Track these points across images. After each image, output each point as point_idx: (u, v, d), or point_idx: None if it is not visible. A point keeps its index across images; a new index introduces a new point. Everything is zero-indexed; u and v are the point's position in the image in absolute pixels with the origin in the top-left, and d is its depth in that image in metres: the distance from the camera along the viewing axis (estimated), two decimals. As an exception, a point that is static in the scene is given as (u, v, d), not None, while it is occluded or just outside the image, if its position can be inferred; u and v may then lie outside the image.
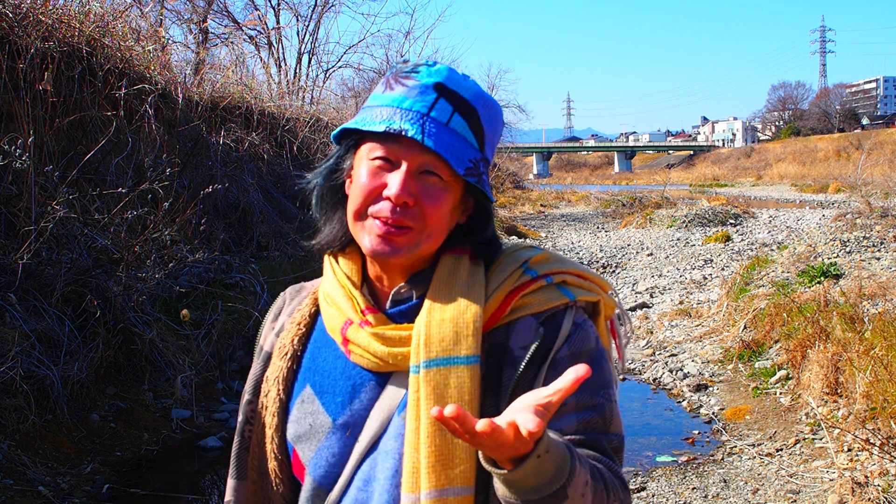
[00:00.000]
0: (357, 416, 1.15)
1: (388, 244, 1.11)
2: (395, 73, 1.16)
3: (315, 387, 1.19)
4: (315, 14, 20.61)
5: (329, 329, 1.19)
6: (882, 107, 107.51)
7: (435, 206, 1.12)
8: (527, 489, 0.94)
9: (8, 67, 5.76)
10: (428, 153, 1.10)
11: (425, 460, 1.05)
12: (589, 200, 30.37)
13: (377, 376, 1.15)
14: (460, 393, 1.07)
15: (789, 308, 6.62)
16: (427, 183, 1.11)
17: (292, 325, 1.26)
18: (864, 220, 12.53)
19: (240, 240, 8.83)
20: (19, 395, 4.41)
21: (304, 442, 1.18)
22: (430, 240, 1.13)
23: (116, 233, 5.87)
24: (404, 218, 1.11)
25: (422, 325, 1.10)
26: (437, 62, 1.17)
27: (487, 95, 1.18)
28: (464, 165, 1.11)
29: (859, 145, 51.96)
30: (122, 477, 4.57)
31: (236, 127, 9.93)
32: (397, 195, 1.09)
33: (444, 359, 1.08)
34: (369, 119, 1.13)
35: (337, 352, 1.19)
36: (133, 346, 5.55)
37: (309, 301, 1.28)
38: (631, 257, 14.24)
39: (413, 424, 1.08)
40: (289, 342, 1.24)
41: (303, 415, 1.19)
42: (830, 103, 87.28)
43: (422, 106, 1.12)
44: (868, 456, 4.30)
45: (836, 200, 26.99)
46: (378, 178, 1.12)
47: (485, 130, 1.16)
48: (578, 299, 1.15)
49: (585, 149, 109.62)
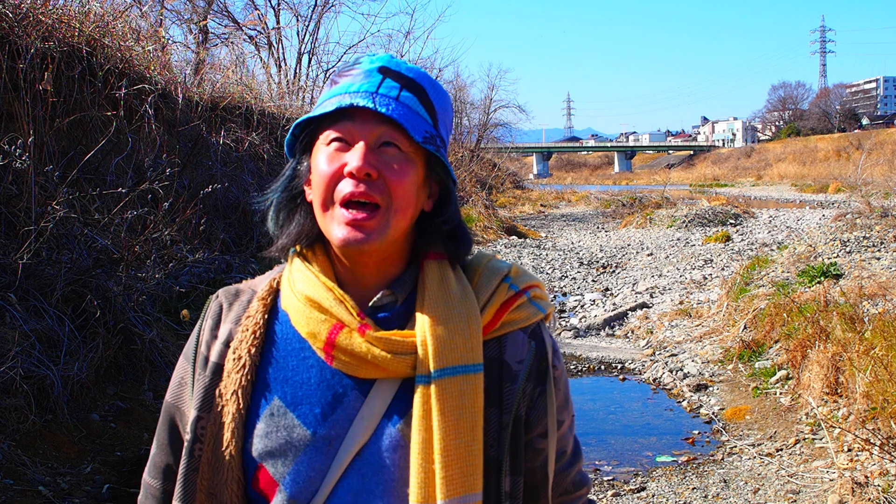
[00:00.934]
0: (339, 427, 1.10)
1: (359, 230, 1.08)
2: (339, 71, 1.17)
3: (285, 398, 1.12)
4: (315, 14, 20.62)
5: (306, 334, 1.12)
6: (882, 107, 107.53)
7: (399, 177, 1.10)
8: None
9: (8, 67, 5.76)
10: (383, 125, 1.09)
11: (441, 471, 1.05)
12: (589, 200, 30.39)
13: (359, 385, 1.11)
14: (473, 401, 1.08)
15: (789, 308, 6.62)
16: (387, 155, 1.10)
17: (245, 333, 1.17)
18: (864, 220, 12.53)
19: (240, 240, 8.83)
20: (19, 395, 4.41)
21: (276, 457, 1.11)
22: (397, 216, 1.10)
23: (116, 233, 5.87)
24: (369, 190, 1.08)
25: (428, 335, 1.08)
26: (377, 53, 1.19)
27: (431, 77, 1.18)
28: (420, 134, 1.10)
29: (859, 145, 51.97)
30: (122, 477, 4.57)
31: (236, 127, 9.93)
32: (359, 167, 1.07)
33: (461, 367, 1.08)
34: (318, 110, 1.13)
35: (308, 360, 1.13)
36: (133, 346, 5.54)
37: (258, 307, 1.19)
38: (631, 257, 14.24)
39: (422, 435, 1.06)
40: (245, 353, 1.15)
41: (273, 429, 1.12)
42: (830, 103, 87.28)
43: (369, 86, 1.11)
44: (868, 456, 4.30)
45: (836, 200, 26.99)
46: (337, 160, 1.10)
47: (435, 107, 1.16)
48: (549, 312, 1.21)
49: (585, 149, 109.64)
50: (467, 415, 1.07)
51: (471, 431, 1.07)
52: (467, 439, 1.07)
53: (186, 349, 1.24)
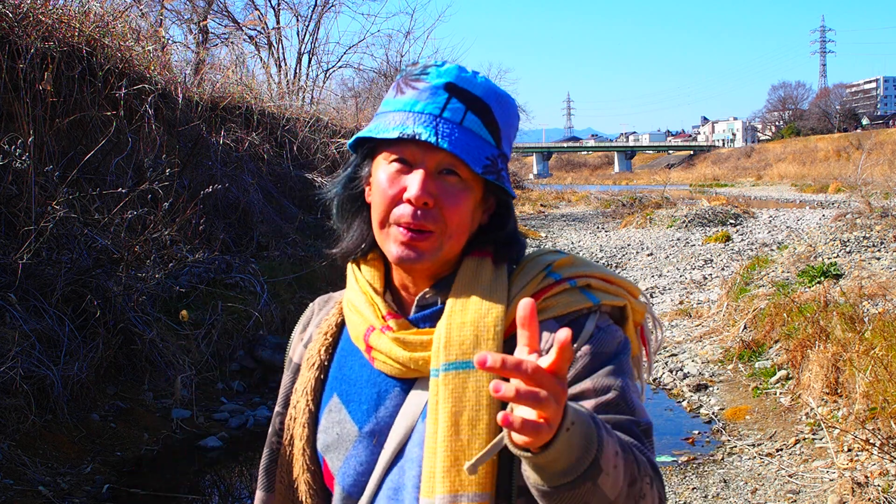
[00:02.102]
0: (383, 424, 1.15)
1: (412, 250, 1.11)
2: (406, 77, 1.15)
3: (342, 395, 1.20)
4: (315, 14, 20.66)
5: (353, 337, 1.19)
6: (882, 107, 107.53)
7: (455, 206, 1.11)
8: (558, 472, 0.89)
9: (8, 67, 5.76)
10: (445, 152, 1.10)
11: (440, 464, 1.05)
12: (589, 200, 30.37)
13: (402, 382, 1.15)
14: (478, 396, 1.06)
15: (789, 308, 6.62)
16: (447, 183, 1.11)
17: (319, 335, 1.26)
18: (864, 220, 12.53)
19: (240, 240, 8.83)
20: (19, 395, 4.41)
21: (332, 451, 1.19)
22: (451, 241, 1.13)
23: (116, 233, 5.87)
24: (425, 221, 1.10)
25: (442, 329, 1.10)
26: (446, 62, 1.16)
27: (500, 90, 1.17)
28: (481, 163, 1.10)
29: (859, 145, 51.96)
30: (122, 477, 4.57)
31: (236, 127, 9.93)
32: (417, 196, 1.09)
33: (463, 362, 1.07)
34: (382, 126, 1.12)
35: (362, 360, 1.19)
36: (133, 346, 5.54)
37: (335, 311, 1.28)
38: (631, 257, 14.24)
39: (432, 428, 1.07)
40: (316, 353, 1.25)
41: (330, 424, 1.20)
42: (830, 103, 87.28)
43: (434, 108, 1.11)
44: (868, 456, 4.30)
45: (836, 200, 26.97)
46: (397, 182, 1.11)
47: (500, 126, 1.15)
48: (603, 303, 1.13)
49: (585, 149, 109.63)
50: (469, 410, 1.05)
51: (472, 427, 1.05)
52: (469, 434, 1.05)
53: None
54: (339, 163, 12.28)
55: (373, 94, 20.34)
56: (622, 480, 0.94)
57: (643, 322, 1.22)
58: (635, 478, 0.97)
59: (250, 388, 6.27)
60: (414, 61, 1.22)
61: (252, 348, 6.52)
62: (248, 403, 5.94)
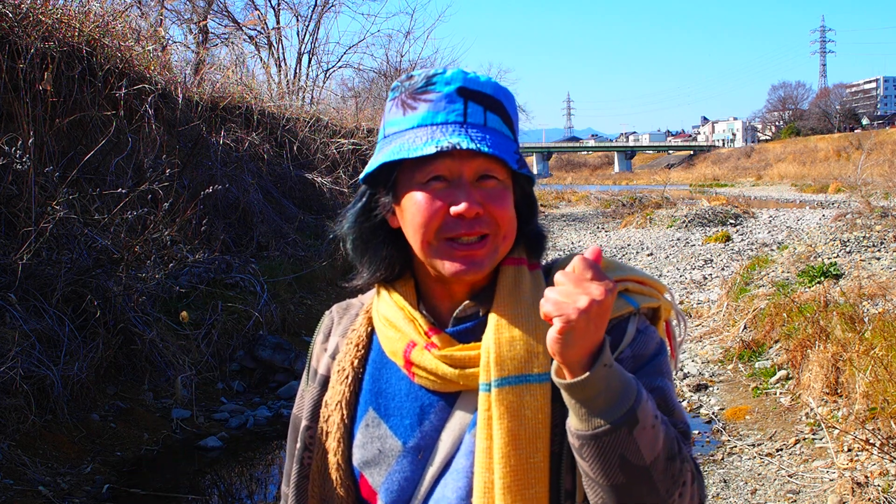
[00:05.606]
0: (428, 438, 1.13)
1: (470, 262, 1.10)
2: (410, 92, 1.13)
3: (379, 410, 1.17)
4: (315, 14, 20.67)
5: (389, 352, 1.17)
6: (882, 107, 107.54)
7: (503, 208, 1.11)
8: (596, 411, 0.95)
9: (8, 67, 5.76)
10: (478, 158, 1.09)
11: (500, 480, 1.04)
12: (589, 200, 30.38)
13: (445, 396, 1.14)
14: (534, 412, 1.06)
15: (789, 308, 6.62)
16: (487, 188, 1.10)
17: (349, 346, 1.23)
18: (864, 220, 12.53)
19: (240, 240, 8.83)
20: (19, 395, 4.41)
21: (372, 467, 1.16)
22: (505, 242, 1.12)
23: (116, 233, 5.87)
24: (480, 228, 1.09)
25: (491, 343, 1.08)
26: (446, 68, 1.15)
27: (501, 85, 1.17)
28: (514, 159, 1.10)
29: (859, 145, 51.96)
30: (122, 477, 4.57)
31: (236, 127, 9.94)
32: (468, 209, 1.07)
33: (518, 377, 1.06)
34: (408, 146, 1.09)
35: (399, 373, 1.17)
36: (133, 346, 5.55)
37: (363, 320, 1.25)
38: (631, 257, 14.24)
39: (484, 443, 1.06)
40: (348, 365, 1.21)
41: (369, 439, 1.17)
42: (830, 103, 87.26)
43: (456, 115, 1.10)
44: (868, 456, 4.30)
45: (836, 200, 26.98)
46: (437, 199, 1.09)
47: (512, 119, 1.16)
48: (642, 307, 1.15)
49: (585, 149, 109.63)
50: (528, 426, 1.05)
51: (531, 443, 1.05)
52: (528, 450, 1.05)
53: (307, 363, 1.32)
54: (339, 163, 12.30)
55: (373, 94, 20.36)
56: (660, 447, 0.98)
57: (669, 318, 1.24)
58: (674, 454, 1.00)
59: (250, 388, 6.26)
60: (409, 75, 1.20)
61: (252, 348, 6.52)
62: (247, 403, 5.94)
